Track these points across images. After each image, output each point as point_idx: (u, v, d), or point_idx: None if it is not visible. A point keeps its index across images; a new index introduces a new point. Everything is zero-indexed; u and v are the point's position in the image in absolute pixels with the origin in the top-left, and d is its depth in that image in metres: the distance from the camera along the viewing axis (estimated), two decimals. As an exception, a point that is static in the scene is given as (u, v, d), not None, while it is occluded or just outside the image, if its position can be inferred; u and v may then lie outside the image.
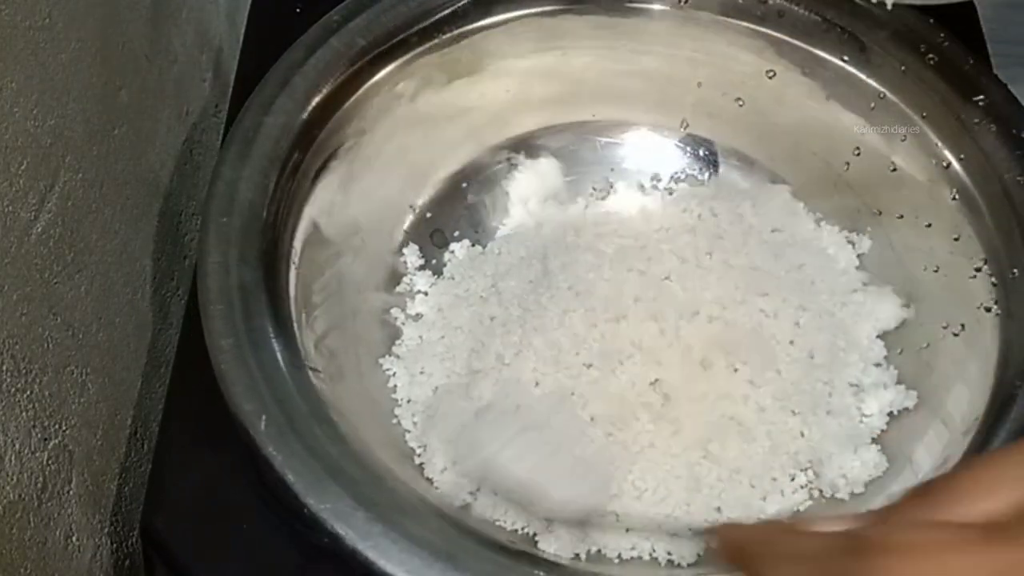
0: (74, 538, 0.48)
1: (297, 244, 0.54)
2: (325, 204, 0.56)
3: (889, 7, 0.56)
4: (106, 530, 0.52)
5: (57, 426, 0.46)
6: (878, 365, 0.57)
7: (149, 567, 0.51)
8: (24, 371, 0.43)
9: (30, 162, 0.43)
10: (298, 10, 0.61)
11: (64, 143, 0.46)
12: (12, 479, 0.42)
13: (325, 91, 0.56)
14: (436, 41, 0.60)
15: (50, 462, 0.46)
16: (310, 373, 0.49)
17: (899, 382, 0.56)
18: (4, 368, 0.42)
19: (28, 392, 0.44)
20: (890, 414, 0.55)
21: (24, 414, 0.43)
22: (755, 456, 0.53)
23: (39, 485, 0.45)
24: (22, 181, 0.43)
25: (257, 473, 0.48)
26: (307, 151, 0.55)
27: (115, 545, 0.52)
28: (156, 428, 0.56)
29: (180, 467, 0.51)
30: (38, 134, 0.44)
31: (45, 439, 0.45)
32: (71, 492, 0.48)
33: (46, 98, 0.44)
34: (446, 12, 0.59)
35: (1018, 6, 0.84)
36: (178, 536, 0.49)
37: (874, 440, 0.54)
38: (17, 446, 0.43)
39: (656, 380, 0.54)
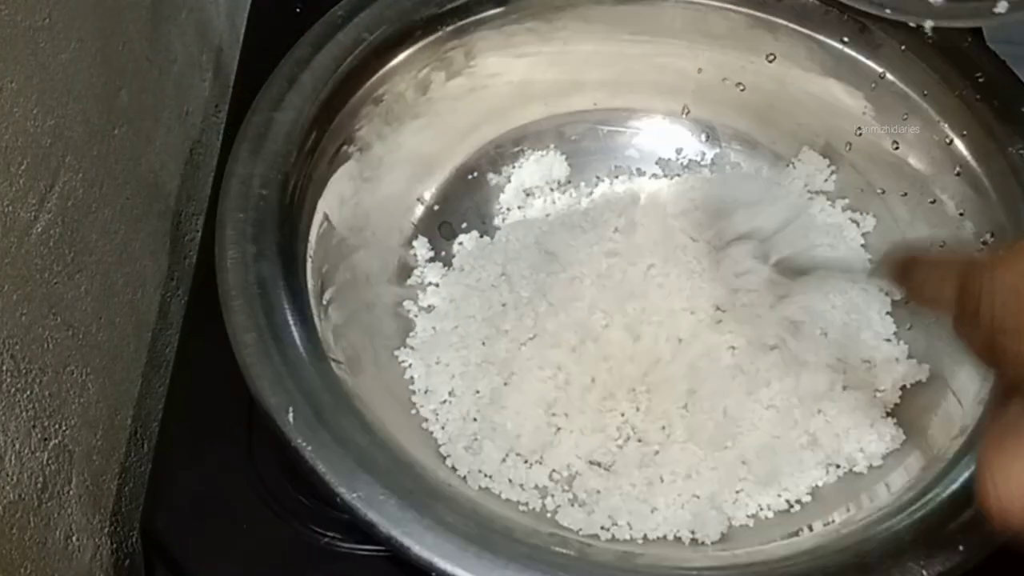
0: (74, 538, 0.48)
1: (312, 238, 0.54)
2: (336, 198, 0.57)
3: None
4: (106, 530, 0.52)
5: (57, 426, 0.46)
6: (888, 340, 0.57)
7: (149, 567, 0.51)
8: (24, 371, 0.43)
9: (30, 162, 0.43)
10: (298, 10, 0.61)
11: (64, 143, 0.46)
12: (12, 479, 0.42)
13: (333, 86, 0.56)
14: (440, 34, 0.60)
15: (50, 462, 0.46)
16: (332, 364, 0.49)
17: (910, 356, 0.56)
18: (4, 368, 0.42)
19: (28, 392, 0.44)
20: (903, 388, 0.55)
21: (24, 414, 0.43)
22: (774, 432, 0.53)
23: (39, 485, 0.45)
24: (22, 181, 0.43)
25: (256, 472, 0.48)
26: (317, 146, 0.55)
27: (115, 545, 0.52)
28: (156, 428, 0.56)
29: (180, 467, 0.51)
30: (38, 134, 0.44)
31: (45, 439, 0.45)
32: (71, 492, 0.48)
33: (46, 98, 0.44)
34: (449, 5, 0.60)
35: (1018, 6, 0.84)
36: (178, 536, 0.49)
37: (889, 414, 0.54)
38: (17, 446, 0.43)
39: (672, 358, 0.55)
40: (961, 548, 0.44)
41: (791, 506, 0.52)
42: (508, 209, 0.63)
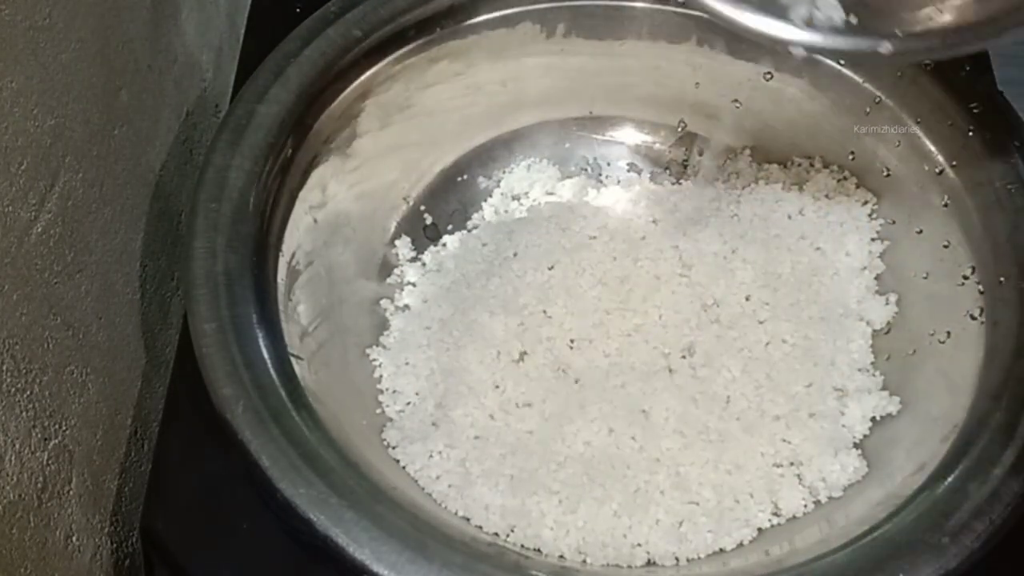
0: (74, 538, 0.48)
1: (287, 232, 0.54)
2: (317, 194, 0.57)
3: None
4: (106, 530, 0.52)
5: (57, 426, 0.46)
6: (863, 370, 0.56)
7: (149, 567, 0.51)
8: (24, 371, 0.43)
9: (30, 162, 0.43)
10: (298, 10, 0.61)
11: (64, 143, 0.46)
12: (12, 479, 0.42)
13: (320, 81, 0.56)
14: (434, 35, 0.60)
15: (50, 462, 0.46)
16: (292, 360, 0.49)
17: (883, 388, 0.56)
18: (4, 368, 0.42)
19: (28, 392, 0.44)
20: (873, 419, 0.55)
21: (24, 414, 0.43)
22: (739, 456, 0.53)
23: (39, 485, 0.45)
24: (22, 181, 0.43)
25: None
26: (300, 141, 0.55)
27: (115, 545, 0.52)
28: (156, 428, 0.56)
29: (180, 467, 0.51)
30: (38, 134, 0.44)
31: (45, 439, 0.45)
32: (71, 492, 0.48)
33: (46, 98, 0.44)
34: (444, 6, 0.60)
35: (1018, 6, 0.84)
36: (178, 536, 0.49)
37: (856, 445, 0.54)
38: (17, 446, 0.43)
39: (646, 369, 0.55)
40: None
41: (749, 531, 0.51)
42: (496, 213, 0.63)
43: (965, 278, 0.54)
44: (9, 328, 0.42)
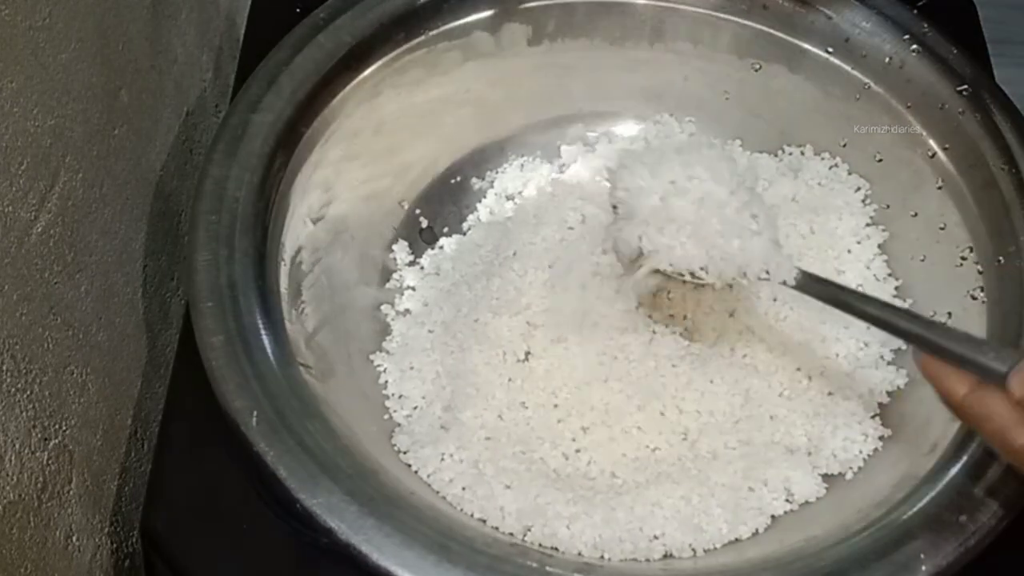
0: (74, 538, 0.48)
1: (286, 241, 0.54)
2: (314, 201, 0.57)
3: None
4: (106, 530, 0.52)
5: (57, 426, 0.46)
6: (866, 352, 0.56)
7: (149, 567, 0.51)
8: (24, 371, 0.43)
9: (30, 162, 0.43)
10: (298, 10, 0.61)
11: (64, 143, 0.46)
12: (12, 479, 0.42)
13: (312, 88, 0.56)
14: (423, 38, 0.60)
15: (50, 462, 0.46)
16: (301, 369, 0.49)
17: (891, 364, 0.56)
18: (4, 368, 0.42)
19: (28, 392, 0.44)
20: (880, 404, 0.54)
21: (24, 414, 0.43)
22: (750, 444, 0.53)
23: (39, 485, 0.45)
24: (22, 181, 0.43)
25: (255, 472, 0.48)
26: (295, 148, 0.55)
27: (115, 545, 0.52)
28: (156, 428, 0.56)
29: (180, 467, 0.51)
30: (38, 134, 0.44)
31: (45, 439, 0.45)
32: (71, 492, 0.48)
33: (46, 98, 0.44)
34: (432, 9, 0.60)
35: (1018, 6, 0.84)
36: (178, 536, 0.49)
37: (872, 417, 0.54)
38: (17, 446, 0.43)
39: (653, 362, 0.55)
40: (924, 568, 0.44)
41: (764, 519, 0.51)
42: (491, 213, 0.63)
43: (963, 258, 0.55)
44: (9, 328, 0.42)
